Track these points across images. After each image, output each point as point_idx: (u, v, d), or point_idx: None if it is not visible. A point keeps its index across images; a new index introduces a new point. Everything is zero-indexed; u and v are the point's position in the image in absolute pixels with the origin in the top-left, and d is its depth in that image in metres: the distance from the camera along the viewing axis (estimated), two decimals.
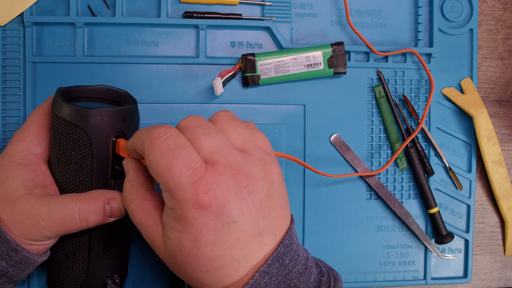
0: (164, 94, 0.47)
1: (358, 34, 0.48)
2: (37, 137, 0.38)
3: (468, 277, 0.51)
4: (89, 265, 0.38)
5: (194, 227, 0.28)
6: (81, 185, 0.37)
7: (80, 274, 0.38)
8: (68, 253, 0.38)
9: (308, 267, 0.32)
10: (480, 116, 0.50)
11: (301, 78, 0.47)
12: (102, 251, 0.38)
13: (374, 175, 0.49)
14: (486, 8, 0.53)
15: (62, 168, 0.37)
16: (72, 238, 0.38)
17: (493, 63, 0.53)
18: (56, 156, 0.37)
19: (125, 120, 0.37)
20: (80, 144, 0.36)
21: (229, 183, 0.28)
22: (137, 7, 0.47)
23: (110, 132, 0.36)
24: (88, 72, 0.46)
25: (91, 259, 0.38)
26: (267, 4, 0.48)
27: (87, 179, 0.37)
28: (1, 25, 0.45)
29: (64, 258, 0.39)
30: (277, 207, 0.31)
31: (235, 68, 0.47)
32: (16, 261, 0.34)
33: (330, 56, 0.47)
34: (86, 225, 0.35)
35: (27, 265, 0.35)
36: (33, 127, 0.38)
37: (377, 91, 0.49)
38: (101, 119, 0.35)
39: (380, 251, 0.50)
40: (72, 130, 0.35)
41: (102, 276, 0.39)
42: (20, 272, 0.36)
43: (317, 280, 0.33)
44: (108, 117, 0.36)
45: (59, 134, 0.36)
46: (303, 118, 0.49)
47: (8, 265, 0.34)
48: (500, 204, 0.52)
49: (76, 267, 0.38)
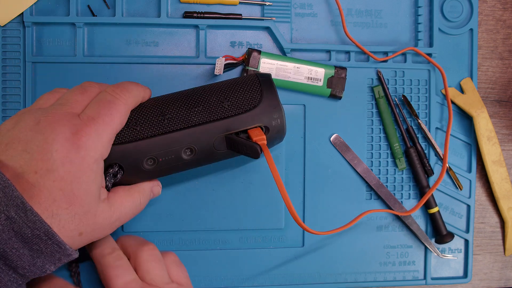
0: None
1: (356, 43, 0.49)
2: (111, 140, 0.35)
3: (468, 277, 0.51)
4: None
5: None
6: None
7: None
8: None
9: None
10: (480, 116, 0.50)
11: (298, 89, 0.48)
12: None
13: (410, 214, 0.50)
14: (486, 8, 0.53)
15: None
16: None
17: (493, 63, 0.53)
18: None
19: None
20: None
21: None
22: (137, 7, 0.47)
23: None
24: (88, 72, 0.46)
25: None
26: (267, 4, 0.48)
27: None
28: (1, 25, 0.45)
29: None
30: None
31: (239, 58, 0.47)
32: (63, 263, 0.34)
33: (331, 76, 0.47)
34: (141, 210, 0.40)
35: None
36: (111, 130, 0.35)
37: (376, 91, 0.49)
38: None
39: (380, 251, 0.50)
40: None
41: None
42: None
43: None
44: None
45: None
46: (303, 118, 0.49)
47: (54, 267, 0.34)
48: (500, 204, 0.52)
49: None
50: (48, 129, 0.32)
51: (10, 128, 0.33)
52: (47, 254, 0.32)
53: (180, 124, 0.38)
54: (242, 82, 0.40)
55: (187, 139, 0.38)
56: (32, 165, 0.31)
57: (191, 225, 0.47)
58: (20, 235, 0.31)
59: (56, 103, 0.35)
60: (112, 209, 0.36)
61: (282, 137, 0.41)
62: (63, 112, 0.33)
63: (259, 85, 0.40)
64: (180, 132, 0.38)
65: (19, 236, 0.31)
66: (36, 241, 0.31)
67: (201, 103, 0.39)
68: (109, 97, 0.35)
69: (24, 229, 0.31)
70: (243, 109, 0.39)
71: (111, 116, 0.34)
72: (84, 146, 0.32)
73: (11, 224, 0.30)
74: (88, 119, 0.33)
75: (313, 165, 0.49)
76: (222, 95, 0.39)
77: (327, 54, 0.49)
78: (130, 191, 0.38)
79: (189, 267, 0.47)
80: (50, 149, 0.32)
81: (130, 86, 0.37)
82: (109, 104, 0.34)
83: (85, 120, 0.33)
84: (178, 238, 0.48)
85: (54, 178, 0.32)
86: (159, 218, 0.47)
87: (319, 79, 0.48)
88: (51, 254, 0.32)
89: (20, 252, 0.31)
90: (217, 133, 0.38)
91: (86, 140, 0.33)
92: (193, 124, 0.38)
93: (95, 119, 0.33)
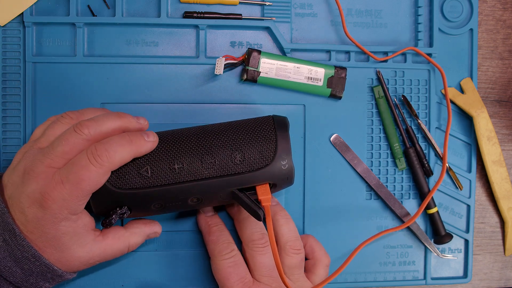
0: (164, 94, 0.47)
1: (356, 43, 0.49)
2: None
3: (468, 277, 0.51)
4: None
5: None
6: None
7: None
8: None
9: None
10: (480, 116, 0.50)
11: (298, 89, 0.48)
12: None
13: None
14: (486, 8, 0.53)
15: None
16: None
17: (493, 63, 0.53)
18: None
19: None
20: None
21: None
22: (137, 7, 0.47)
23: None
24: (88, 72, 0.46)
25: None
26: (267, 4, 0.48)
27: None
28: (1, 25, 0.45)
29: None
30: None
31: (239, 58, 0.47)
32: (58, 281, 0.38)
33: (331, 76, 0.47)
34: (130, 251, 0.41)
35: (63, 282, 0.41)
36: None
37: (376, 91, 0.49)
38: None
39: (380, 251, 0.50)
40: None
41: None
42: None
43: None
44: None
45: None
46: (303, 118, 0.49)
47: (50, 285, 0.38)
48: (500, 204, 0.52)
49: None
50: (26, 184, 0.35)
51: (18, 160, 0.38)
52: (38, 274, 0.36)
53: (190, 176, 0.38)
54: (257, 128, 0.40)
55: (195, 191, 0.39)
56: (14, 208, 0.36)
57: (191, 225, 0.47)
58: (13, 256, 0.35)
59: (43, 152, 0.36)
60: (91, 254, 0.38)
61: (290, 184, 0.41)
62: (44, 166, 0.35)
63: (275, 137, 0.40)
64: (189, 184, 0.38)
65: (12, 256, 0.35)
66: (26, 262, 0.35)
67: (213, 155, 0.39)
68: (84, 162, 0.35)
69: (15, 251, 0.35)
70: (255, 166, 0.39)
71: (80, 183, 0.35)
72: (50, 208, 0.35)
73: (6, 246, 0.35)
74: (57, 181, 0.35)
75: (313, 165, 0.49)
76: (235, 145, 0.39)
77: (327, 54, 0.49)
78: (122, 236, 0.40)
79: (189, 268, 0.47)
80: (24, 205, 0.35)
81: (115, 147, 0.36)
82: (81, 170, 0.35)
83: (56, 182, 0.35)
84: (179, 238, 0.48)
85: (27, 229, 0.35)
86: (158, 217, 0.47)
87: (319, 79, 0.48)
88: (41, 273, 0.36)
89: (13, 270, 0.35)
90: (225, 187, 0.39)
91: (52, 203, 0.34)
92: (203, 178, 0.38)
93: (63, 183, 0.35)
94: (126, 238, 0.40)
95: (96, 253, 0.38)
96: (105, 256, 0.39)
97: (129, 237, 0.40)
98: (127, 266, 0.46)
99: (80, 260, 0.37)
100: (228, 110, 0.48)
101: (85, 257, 0.37)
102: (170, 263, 0.47)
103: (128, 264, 0.46)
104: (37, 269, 0.36)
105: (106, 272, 0.46)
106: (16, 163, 0.38)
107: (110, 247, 0.39)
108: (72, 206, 0.35)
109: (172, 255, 0.47)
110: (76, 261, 0.37)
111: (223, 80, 0.48)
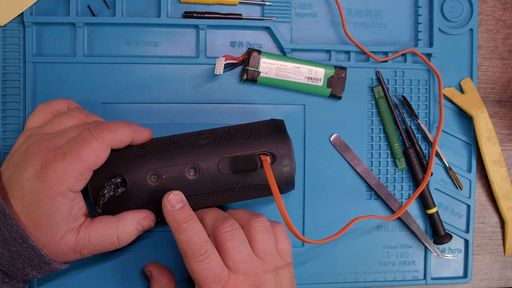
0: (164, 94, 0.47)
1: (356, 43, 0.49)
2: (81, 177, 0.37)
3: (468, 277, 0.51)
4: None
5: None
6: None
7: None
8: None
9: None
10: (480, 116, 0.50)
11: (298, 88, 0.48)
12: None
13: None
14: (486, 8, 0.53)
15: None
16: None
17: (493, 63, 0.53)
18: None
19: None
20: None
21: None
22: (137, 7, 0.47)
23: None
24: (88, 72, 0.46)
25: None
26: (267, 4, 0.48)
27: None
28: (1, 25, 0.45)
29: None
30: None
31: (239, 58, 0.47)
32: (46, 270, 0.38)
33: (331, 76, 0.47)
34: (122, 244, 0.40)
35: (53, 272, 0.39)
36: (80, 166, 0.36)
37: (376, 92, 0.49)
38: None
39: (380, 251, 0.50)
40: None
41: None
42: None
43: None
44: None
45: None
46: (303, 118, 0.49)
47: (38, 273, 0.37)
48: (500, 204, 0.52)
49: None
50: (28, 159, 0.36)
51: (20, 144, 0.38)
52: (25, 258, 0.36)
53: (186, 146, 0.40)
54: (253, 123, 0.42)
55: (191, 157, 0.39)
56: (12, 185, 0.36)
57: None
58: (1, 236, 0.35)
59: (51, 135, 0.38)
60: (78, 239, 0.37)
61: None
62: (46, 145, 0.36)
63: (269, 123, 0.42)
64: (185, 151, 0.39)
65: (0, 237, 0.35)
66: (13, 243, 0.35)
67: (209, 132, 0.41)
68: (85, 135, 0.37)
69: (3, 231, 0.35)
70: (249, 135, 0.40)
71: (81, 153, 0.36)
72: (49, 179, 0.35)
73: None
74: (59, 154, 0.36)
75: (313, 165, 0.49)
76: (231, 127, 0.42)
77: (327, 54, 0.49)
78: (109, 222, 0.39)
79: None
80: (23, 178, 0.35)
81: (114, 125, 0.38)
82: (82, 142, 0.36)
83: (57, 154, 0.36)
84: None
85: (22, 204, 0.35)
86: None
87: (319, 79, 0.48)
88: (28, 258, 0.36)
89: (0, 251, 0.35)
90: (221, 154, 0.39)
91: (52, 173, 0.35)
92: (198, 145, 0.40)
93: (65, 154, 0.36)
94: (114, 223, 0.39)
95: (82, 237, 0.37)
96: (91, 242, 0.38)
97: (117, 223, 0.39)
98: (127, 266, 0.46)
99: (67, 245, 0.37)
100: (228, 110, 0.48)
101: (72, 242, 0.37)
102: (170, 263, 0.47)
103: (128, 264, 0.46)
104: (24, 252, 0.35)
105: (106, 272, 0.46)
106: (16, 148, 0.38)
107: (95, 232, 0.38)
108: (71, 180, 0.36)
109: (172, 255, 0.47)
110: (63, 245, 0.37)
111: (223, 80, 0.48)
